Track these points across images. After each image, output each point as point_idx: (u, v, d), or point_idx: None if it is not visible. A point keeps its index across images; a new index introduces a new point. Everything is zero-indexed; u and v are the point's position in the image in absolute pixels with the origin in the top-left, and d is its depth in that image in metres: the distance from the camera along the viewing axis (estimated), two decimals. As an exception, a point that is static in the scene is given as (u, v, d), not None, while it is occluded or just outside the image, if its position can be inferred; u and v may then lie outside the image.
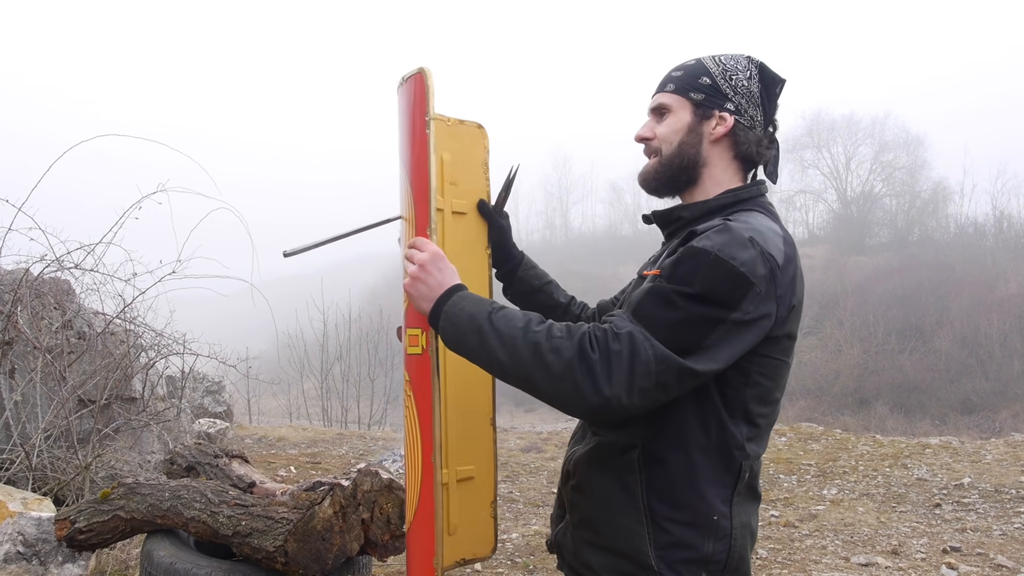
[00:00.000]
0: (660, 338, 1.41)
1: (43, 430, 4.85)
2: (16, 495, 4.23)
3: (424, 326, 1.68)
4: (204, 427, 8.17)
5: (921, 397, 29.35)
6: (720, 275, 1.42)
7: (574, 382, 1.39)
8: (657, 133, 1.70)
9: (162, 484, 2.33)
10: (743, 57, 1.71)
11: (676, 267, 1.46)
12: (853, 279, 38.29)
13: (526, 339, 1.43)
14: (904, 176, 47.50)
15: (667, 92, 1.70)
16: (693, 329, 1.42)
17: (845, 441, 9.35)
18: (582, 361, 1.39)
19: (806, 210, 51.48)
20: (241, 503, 2.19)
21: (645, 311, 1.44)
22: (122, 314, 5.63)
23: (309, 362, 19.07)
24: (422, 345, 1.70)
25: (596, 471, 1.63)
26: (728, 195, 1.66)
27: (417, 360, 1.72)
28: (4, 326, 5.09)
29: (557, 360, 1.40)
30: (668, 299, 1.43)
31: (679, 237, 1.65)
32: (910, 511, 6.43)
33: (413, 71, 1.77)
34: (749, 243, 1.44)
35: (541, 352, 1.41)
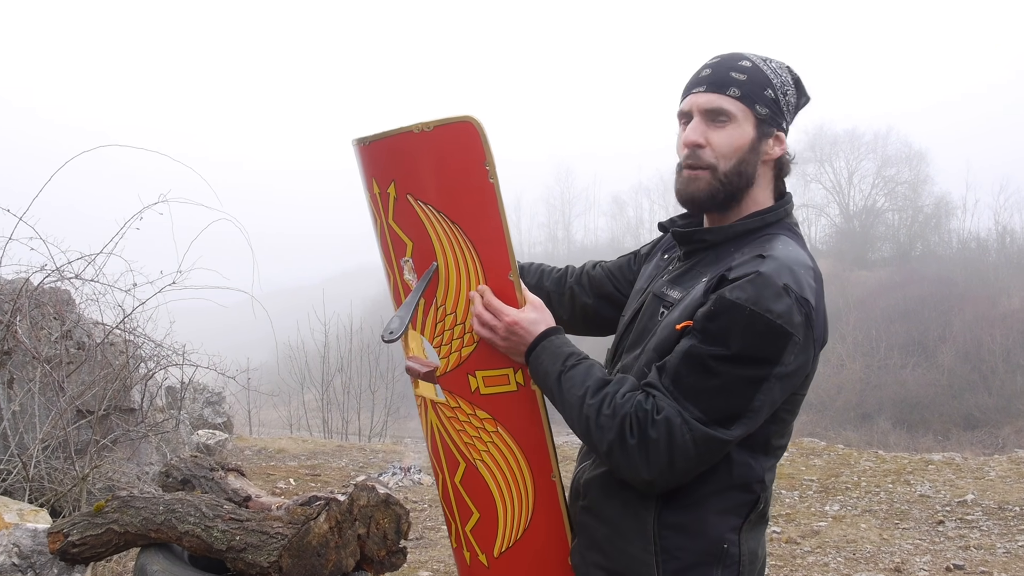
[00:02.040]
0: (703, 410, 1.39)
1: (41, 440, 4.83)
2: (12, 506, 4.20)
3: (516, 364, 1.70)
4: (203, 438, 8.14)
5: (924, 412, 29.22)
6: (758, 331, 1.38)
7: (617, 463, 1.46)
8: (712, 142, 1.55)
9: (156, 498, 2.31)
10: (785, 69, 1.60)
11: (710, 322, 1.41)
12: (855, 293, 38.21)
13: (581, 412, 1.51)
14: (906, 191, 47.46)
15: (730, 97, 1.53)
16: (737, 395, 1.40)
17: (847, 456, 9.29)
18: (622, 446, 1.43)
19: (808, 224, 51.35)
20: (236, 517, 2.17)
21: (684, 381, 1.42)
22: (122, 325, 5.61)
23: (310, 373, 19.03)
24: (516, 382, 1.72)
25: (609, 495, 1.61)
26: (755, 219, 1.59)
27: (509, 398, 1.73)
28: (3, 336, 5.07)
29: (602, 439, 1.47)
30: (706, 366, 1.40)
31: (699, 259, 1.62)
32: (913, 528, 6.38)
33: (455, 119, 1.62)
34: (784, 292, 1.39)
35: (591, 429, 1.49)
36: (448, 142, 1.63)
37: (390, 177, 1.74)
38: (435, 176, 1.67)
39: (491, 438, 1.75)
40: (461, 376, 1.75)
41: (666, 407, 1.40)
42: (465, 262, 1.67)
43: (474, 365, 1.73)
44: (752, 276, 1.41)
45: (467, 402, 1.76)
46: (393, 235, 1.80)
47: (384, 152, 1.74)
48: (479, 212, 1.64)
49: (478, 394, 1.74)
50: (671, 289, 1.62)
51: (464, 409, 1.77)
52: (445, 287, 1.72)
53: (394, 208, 1.76)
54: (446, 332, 1.75)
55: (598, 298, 1.99)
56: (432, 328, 1.78)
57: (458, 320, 1.72)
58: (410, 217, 1.73)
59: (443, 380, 1.78)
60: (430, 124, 1.62)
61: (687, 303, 1.52)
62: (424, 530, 6.31)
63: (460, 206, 1.66)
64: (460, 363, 1.74)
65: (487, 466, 1.78)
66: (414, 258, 1.76)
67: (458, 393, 1.77)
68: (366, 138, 1.78)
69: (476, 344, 1.70)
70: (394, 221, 1.78)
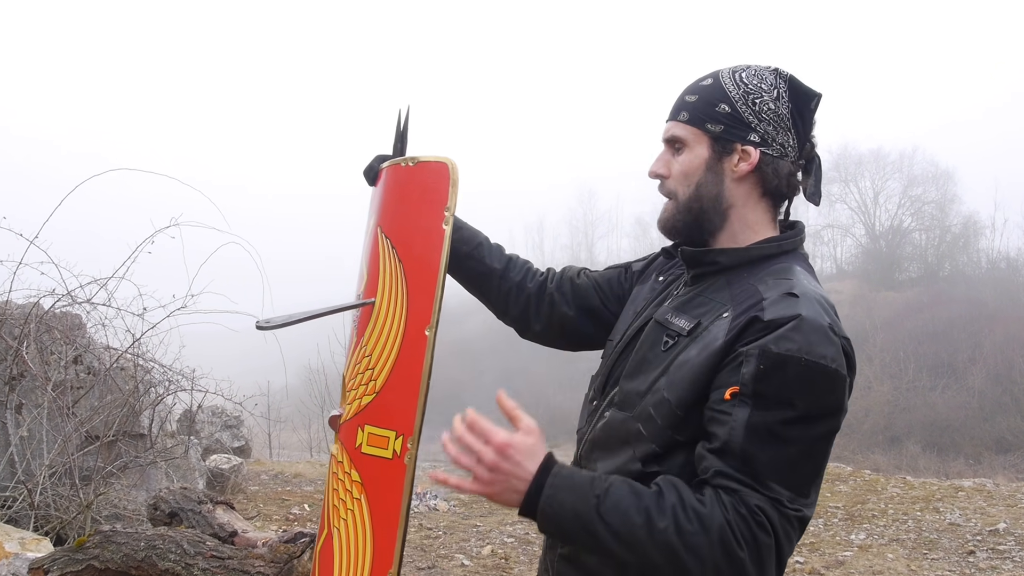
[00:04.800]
0: (789, 486, 1.25)
1: (47, 467, 4.79)
2: (14, 535, 4.14)
3: (400, 428, 1.54)
4: (217, 463, 8.08)
5: (954, 435, 28.65)
6: (819, 383, 1.26)
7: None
8: (672, 171, 1.50)
9: (138, 533, 2.22)
10: (769, 72, 1.48)
11: (763, 384, 1.26)
12: (882, 315, 37.70)
13: (654, 541, 1.24)
14: (933, 210, 46.84)
15: (680, 122, 1.49)
16: (816, 456, 1.28)
17: (874, 483, 9.06)
18: (731, 562, 1.22)
19: (834, 245, 50.90)
20: (217, 555, 2.08)
21: (759, 460, 1.25)
22: (132, 349, 5.59)
23: (330, 396, 19.00)
24: (393, 449, 1.55)
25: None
26: (772, 246, 1.46)
27: (381, 465, 1.57)
28: (12, 360, 5.06)
29: (701, 563, 1.23)
30: (776, 435, 1.25)
31: (708, 284, 1.48)
32: (942, 558, 6.15)
33: (434, 158, 1.65)
34: (830, 332, 1.29)
35: (677, 556, 1.23)
36: (420, 179, 1.64)
37: (374, 208, 1.75)
38: (401, 210, 1.67)
39: (353, 506, 1.61)
40: (353, 427, 1.63)
41: (757, 500, 1.24)
42: (396, 306, 1.61)
43: (367, 418, 1.61)
44: (795, 322, 1.28)
45: (348, 458, 1.63)
46: (361, 271, 1.76)
47: (380, 184, 1.76)
48: (423, 255, 1.60)
49: (359, 451, 1.61)
50: (676, 317, 1.47)
51: (344, 465, 1.64)
52: (372, 327, 1.63)
53: (371, 241, 1.73)
54: (359, 375, 1.64)
55: (580, 310, 1.81)
56: (352, 369, 1.67)
57: (371, 365, 1.62)
58: (374, 251, 1.69)
59: (342, 429, 1.66)
60: (416, 159, 1.65)
61: (707, 341, 1.37)
62: (436, 558, 6.18)
63: (410, 245, 1.63)
64: (358, 412, 1.62)
65: (340, 538, 1.63)
66: (364, 292, 1.70)
67: (346, 446, 1.65)
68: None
69: (375, 395, 1.59)
70: (367, 256, 1.75)
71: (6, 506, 4.73)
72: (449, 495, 8.97)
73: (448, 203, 1.59)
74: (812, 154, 1.52)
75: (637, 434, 1.41)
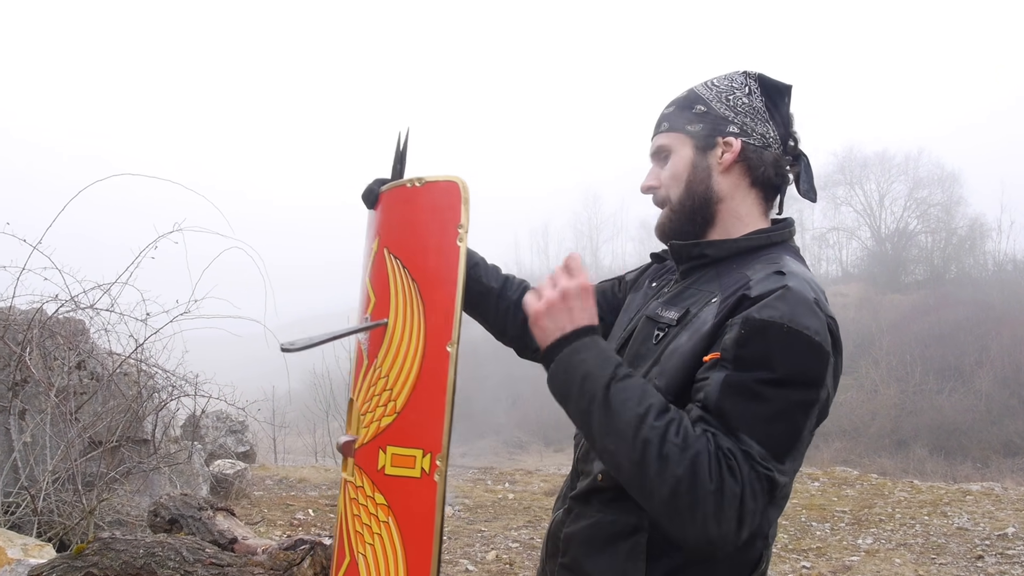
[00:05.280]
0: (759, 441, 1.22)
1: (50, 472, 4.77)
2: (17, 541, 4.13)
3: (427, 446, 1.52)
4: (221, 468, 8.06)
5: (961, 439, 28.49)
6: (799, 350, 1.24)
7: (677, 508, 1.20)
8: (662, 180, 1.54)
9: (137, 540, 2.20)
10: (738, 74, 1.54)
11: (743, 348, 1.25)
12: (888, 317, 37.56)
13: (639, 433, 1.22)
14: (939, 213, 46.66)
15: (663, 132, 1.56)
16: (792, 420, 1.24)
17: (881, 487, 9.00)
18: (692, 487, 1.18)
19: (839, 248, 50.80)
20: (217, 562, 2.06)
21: (732, 413, 1.23)
22: (135, 354, 5.57)
23: (335, 401, 18.98)
24: (422, 468, 1.52)
25: (593, 552, 1.45)
26: (761, 236, 1.47)
27: (409, 485, 1.54)
28: (15, 366, 5.05)
29: (664, 472, 1.19)
30: (752, 391, 1.23)
31: (697, 277, 1.49)
32: (950, 563, 6.11)
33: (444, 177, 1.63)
34: (816, 306, 1.28)
35: (648, 457, 1.21)
36: (431, 199, 1.63)
37: (377, 231, 1.73)
38: (410, 230, 1.66)
39: (380, 530, 1.57)
40: (373, 450, 1.60)
41: (728, 444, 1.21)
42: (412, 325, 1.59)
43: (388, 439, 1.58)
44: (780, 291, 1.28)
45: (370, 482, 1.61)
46: (365, 292, 1.74)
47: (381, 206, 1.75)
48: (439, 274, 1.58)
49: (382, 473, 1.58)
50: (665, 310, 1.48)
51: (366, 490, 1.61)
52: (387, 348, 1.61)
53: (373, 263, 1.71)
54: (374, 397, 1.62)
55: None
56: (366, 392, 1.65)
57: (388, 385, 1.60)
58: (381, 272, 1.67)
59: (358, 453, 1.64)
60: (423, 179, 1.64)
61: (696, 326, 1.37)
62: (443, 563, 6.15)
63: (424, 264, 1.61)
64: (377, 434, 1.60)
65: (368, 564, 1.59)
66: (372, 314, 1.68)
67: (366, 469, 1.62)
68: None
69: (396, 415, 1.57)
70: (369, 278, 1.73)
71: (9, 512, 4.72)
72: (454, 500, 8.93)
73: (461, 220, 1.57)
74: (798, 151, 1.53)
75: None
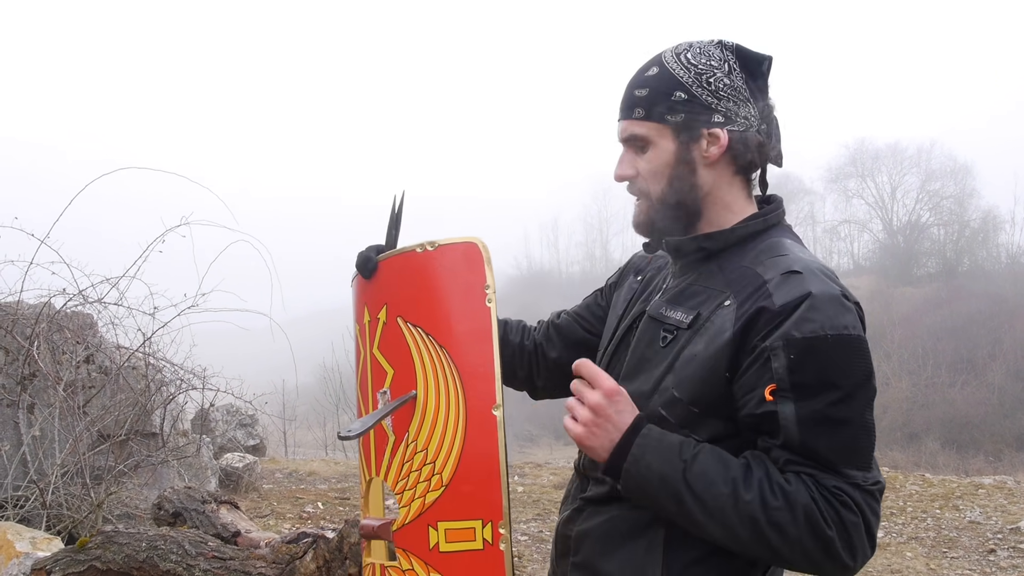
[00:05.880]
0: (859, 465, 1.24)
1: (59, 466, 4.79)
2: (25, 534, 4.14)
3: (486, 515, 1.44)
4: (231, 462, 8.08)
5: (974, 432, 28.36)
6: (851, 355, 1.24)
7: (807, 560, 1.23)
8: (640, 170, 1.43)
9: (140, 533, 2.20)
10: (714, 47, 1.41)
11: (797, 374, 1.22)
12: (900, 310, 37.36)
13: (739, 513, 1.22)
14: (952, 205, 46.34)
15: (636, 119, 1.42)
16: (868, 428, 1.26)
17: (892, 480, 8.95)
18: (818, 541, 1.20)
19: (851, 240, 50.63)
20: (219, 556, 2.04)
21: (824, 448, 1.22)
22: (143, 348, 5.58)
23: (345, 395, 19.02)
24: (484, 539, 1.44)
25: (608, 549, 1.42)
26: (757, 222, 1.43)
27: (472, 559, 1.45)
28: (23, 360, 5.06)
29: (786, 539, 1.21)
30: (830, 419, 1.22)
31: (698, 272, 1.43)
32: (962, 557, 6.06)
33: (460, 239, 1.56)
34: (844, 300, 1.27)
35: (761, 530, 1.21)
36: (450, 261, 1.55)
37: (383, 300, 1.63)
38: (431, 296, 1.56)
39: None
40: (421, 528, 1.50)
41: (835, 482, 1.22)
42: (447, 393, 1.50)
43: (437, 515, 1.48)
44: (808, 301, 1.24)
45: (422, 562, 1.49)
46: (375, 366, 1.64)
47: (383, 274, 1.65)
48: (472, 337, 1.51)
49: (436, 552, 1.48)
50: (671, 310, 1.42)
51: (417, 572, 1.50)
52: (420, 420, 1.52)
53: (381, 334, 1.62)
54: (412, 473, 1.52)
55: (568, 348, 1.75)
56: (398, 469, 1.55)
57: (428, 459, 1.51)
58: (396, 342, 1.58)
59: (399, 535, 1.53)
60: (435, 243, 1.55)
61: (713, 334, 1.31)
62: (450, 557, 6.15)
63: (453, 329, 1.53)
64: (422, 511, 1.50)
65: None
66: (392, 388, 1.59)
67: (414, 551, 1.51)
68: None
69: (444, 488, 1.48)
70: (378, 350, 1.63)
71: (18, 505, 4.73)
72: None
73: (487, 281, 1.51)
74: (771, 116, 1.45)
75: None
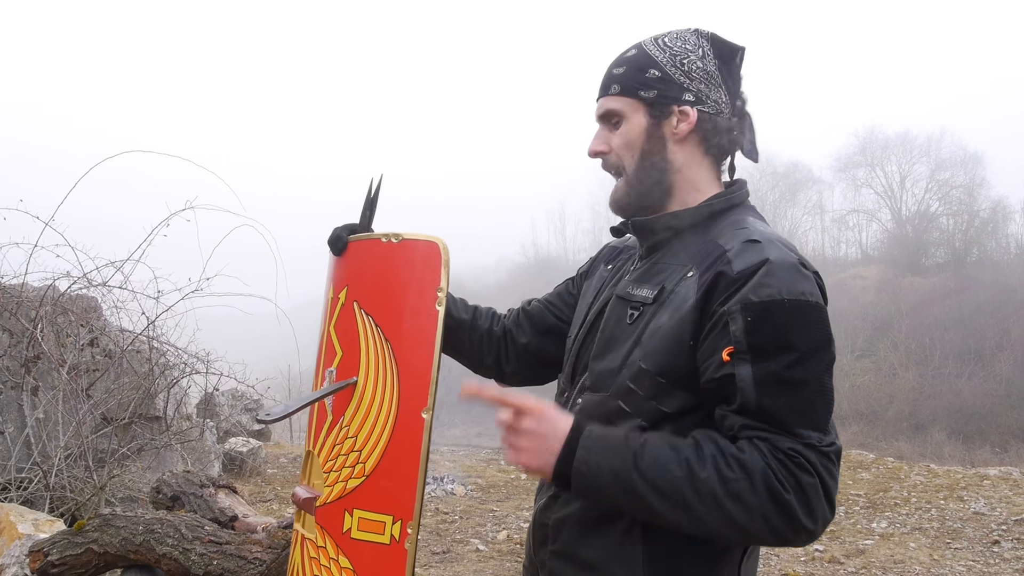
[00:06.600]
0: (816, 426, 1.23)
1: (63, 448, 4.80)
2: (28, 516, 4.15)
3: (397, 512, 1.48)
4: (235, 446, 8.10)
5: (980, 423, 28.31)
6: (807, 319, 1.25)
7: (774, 527, 1.21)
8: (613, 145, 1.48)
9: (137, 517, 2.19)
10: (690, 33, 1.48)
11: (754, 336, 1.24)
12: (908, 300, 37.26)
13: (698, 493, 1.21)
14: (961, 195, 46.08)
15: (612, 95, 1.47)
16: (825, 392, 1.26)
17: (897, 470, 8.93)
18: (778, 506, 1.19)
19: (859, 230, 50.39)
20: (215, 540, 2.04)
21: (778, 408, 1.22)
22: (147, 331, 5.58)
23: (351, 380, 19.04)
24: (391, 535, 1.48)
25: (587, 535, 1.41)
26: (720, 200, 1.46)
27: (377, 551, 1.49)
28: (28, 343, 5.07)
29: (748, 509, 1.19)
30: (785, 380, 1.23)
31: (662, 252, 1.46)
32: (966, 548, 6.04)
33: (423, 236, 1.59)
34: (801, 267, 1.29)
35: (722, 505, 1.20)
36: (409, 257, 1.59)
37: (345, 281, 1.68)
38: (386, 288, 1.61)
39: None
40: (338, 511, 1.56)
41: (790, 443, 1.21)
42: (384, 387, 1.54)
43: (355, 502, 1.54)
44: (765, 267, 1.26)
45: (334, 543, 1.56)
46: (329, 343, 1.69)
47: (349, 255, 1.70)
48: (415, 336, 1.54)
49: (348, 536, 1.53)
50: (637, 289, 1.44)
51: (329, 551, 1.56)
52: (356, 407, 1.56)
53: (339, 314, 1.67)
54: (340, 456, 1.57)
55: (538, 334, 1.78)
56: (330, 449, 1.60)
57: (356, 446, 1.55)
58: (350, 326, 1.62)
59: (320, 512, 1.59)
60: (400, 236, 1.59)
61: (677, 304, 1.34)
62: (452, 543, 6.16)
63: (399, 325, 1.57)
64: (342, 495, 1.55)
65: None
66: (339, 369, 1.63)
67: (329, 530, 1.57)
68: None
69: (365, 478, 1.52)
70: (334, 329, 1.68)
71: (22, 487, 4.75)
72: (467, 479, 8.95)
73: (440, 283, 1.53)
74: (744, 111, 1.50)
75: (618, 411, 1.36)
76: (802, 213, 51.19)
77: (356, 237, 1.66)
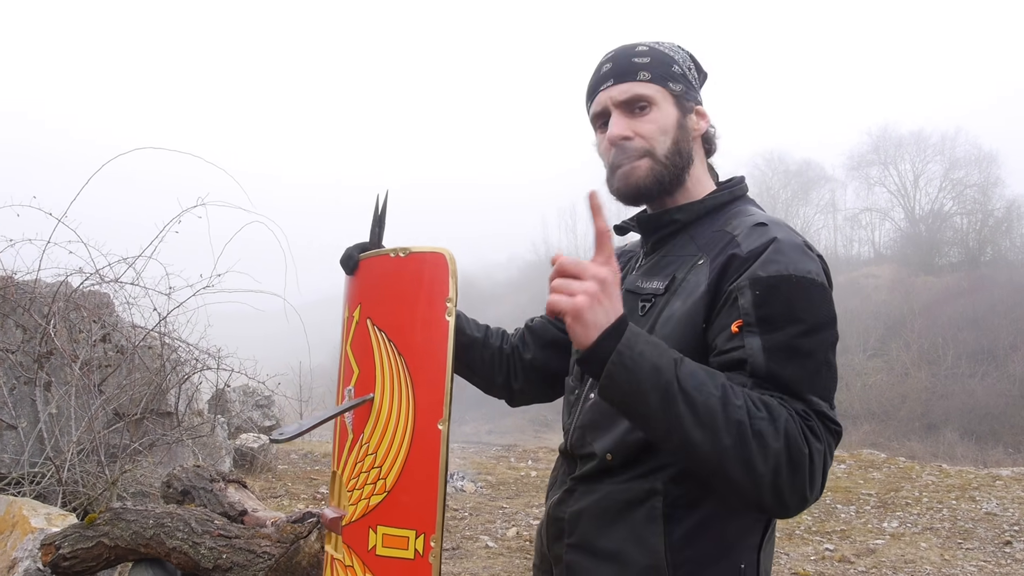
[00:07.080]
0: (820, 395, 1.23)
1: (75, 443, 4.83)
2: (41, 510, 4.18)
3: (420, 527, 1.46)
4: (246, 442, 8.14)
5: (993, 423, 28.12)
6: (814, 296, 1.27)
7: (772, 480, 1.14)
8: (641, 131, 1.45)
9: (147, 511, 2.21)
10: (676, 46, 1.57)
11: (763, 309, 1.24)
12: (921, 300, 37.05)
13: (727, 417, 1.14)
14: (975, 194, 45.80)
15: (642, 81, 1.46)
16: (829, 364, 1.27)
17: (909, 470, 8.88)
18: (792, 460, 1.14)
19: (872, 228, 50.16)
20: (224, 534, 2.05)
21: (790, 377, 1.21)
22: (158, 327, 5.61)
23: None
24: (415, 549, 1.46)
25: (607, 525, 1.40)
26: (724, 193, 1.50)
27: (402, 567, 1.47)
28: (40, 339, 5.10)
29: (760, 451, 1.13)
30: (795, 349, 1.22)
31: (669, 246, 1.48)
32: (977, 548, 6.01)
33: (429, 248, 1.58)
34: (807, 248, 1.32)
35: (743, 438, 1.13)
36: (417, 270, 1.58)
37: (358, 300, 1.69)
38: (395, 302, 1.60)
39: None
40: (363, 529, 1.55)
41: (802, 406, 1.20)
42: (401, 401, 1.54)
43: (378, 518, 1.53)
44: (771, 245, 1.29)
45: (361, 562, 1.55)
46: (346, 363, 1.69)
47: (361, 273, 1.71)
48: (427, 348, 1.53)
49: (373, 554, 1.52)
50: (647, 282, 1.46)
51: (356, 570, 1.55)
52: (374, 423, 1.56)
53: (354, 333, 1.67)
54: (362, 474, 1.57)
55: (543, 348, 1.78)
56: (352, 468, 1.60)
57: (376, 463, 1.55)
58: (364, 343, 1.62)
59: (346, 532, 1.59)
60: (407, 250, 1.59)
61: (689, 290, 1.35)
62: (462, 540, 6.17)
63: (411, 338, 1.56)
64: (366, 513, 1.55)
65: None
66: (356, 387, 1.63)
67: (356, 549, 1.57)
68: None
69: (387, 494, 1.52)
70: (350, 347, 1.68)
71: (35, 482, 4.79)
72: (477, 476, 8.96)
73: (449, 294, 1.52)
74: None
75: None
76: (815, 212, 50.93)
77: (367, 255, 1.67)
